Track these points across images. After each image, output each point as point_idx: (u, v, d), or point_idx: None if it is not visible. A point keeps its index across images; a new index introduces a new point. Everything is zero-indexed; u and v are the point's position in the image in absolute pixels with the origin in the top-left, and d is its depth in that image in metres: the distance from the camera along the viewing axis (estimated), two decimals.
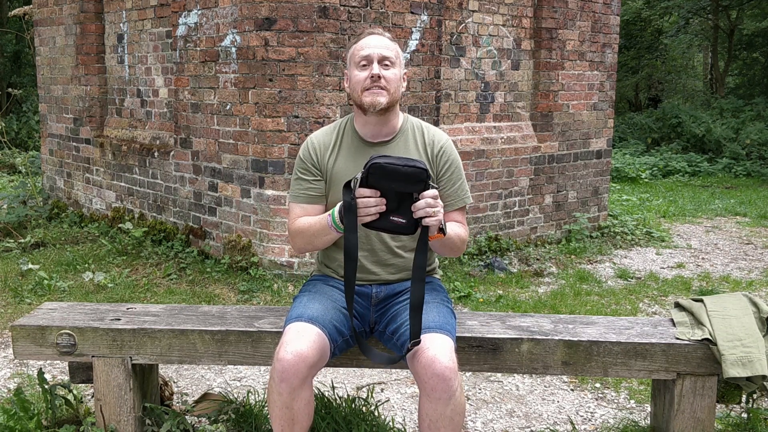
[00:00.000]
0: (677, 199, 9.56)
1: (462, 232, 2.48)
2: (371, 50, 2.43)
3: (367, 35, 2.49)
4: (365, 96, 2.42)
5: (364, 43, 2.47)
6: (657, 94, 21.43)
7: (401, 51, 2.54)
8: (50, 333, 2.67)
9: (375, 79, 2.40)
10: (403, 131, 2.56)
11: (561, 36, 6.51)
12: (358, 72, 2.45)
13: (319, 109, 5.04)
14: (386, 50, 2.44)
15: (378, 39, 2.47)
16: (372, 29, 2.53)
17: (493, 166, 6.11)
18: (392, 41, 2.51)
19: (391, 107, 2.47)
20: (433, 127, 2.64)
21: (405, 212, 2.18)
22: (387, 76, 2.42)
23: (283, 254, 5.12)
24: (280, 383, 2.23)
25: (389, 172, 2.14)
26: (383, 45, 2.45)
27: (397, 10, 5.27)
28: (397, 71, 2.46)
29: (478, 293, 5.04)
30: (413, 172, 2.14)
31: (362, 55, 2.44)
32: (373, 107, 2.42)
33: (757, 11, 17.95)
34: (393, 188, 2.16)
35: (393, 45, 2.49)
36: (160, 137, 6.19)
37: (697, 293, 5.23)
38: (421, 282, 2.23)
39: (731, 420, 3.05)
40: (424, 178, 2.15)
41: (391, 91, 2.43)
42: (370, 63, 2.43)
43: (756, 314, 2.68)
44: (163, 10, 5.95)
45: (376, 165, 2.15)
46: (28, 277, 5.23)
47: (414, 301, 2.23)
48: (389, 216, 2.19)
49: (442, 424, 2.24)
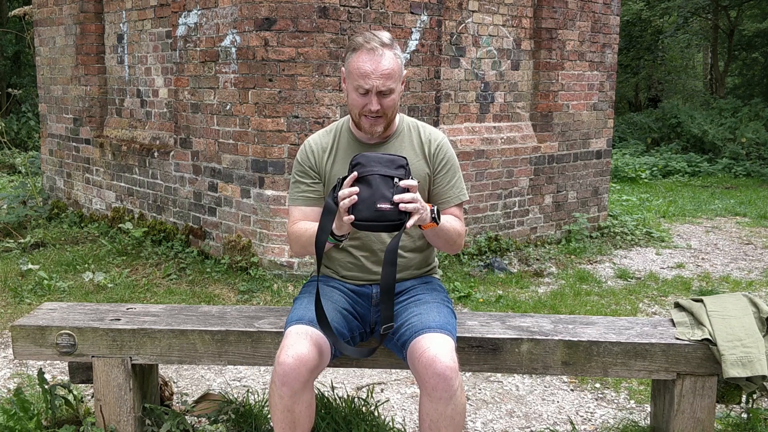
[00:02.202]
0: (677, 200, 9.56)
1: (458, 225, 2.50)
2: (371, 83, 2.34)
3: (368, 52, 2.34)
4: (363, 121, 2.43)
5: (364, 68, 2.34)
6: (657, 94, 21.43)
7: (401, 58, 2.43)
8: (50, 333, 2.67)
9: (374, 113, 2.39)
10: (399, 131, 2.56)
11: (561, 36, 6.51)
12: (356, 96, 2.39)
13: (319, 109, 5.04)
14: (386, 79, 2.34)
15: (378, 62, 2.33)
16: (370, 41, 2.36)
17: (493, 166, 6.11)
18: (393, 54, 2.37)
19: (389, 125, 2.49)
20: (429, 125, 2.64)
21: (389, 197, 2.19)
22: (385, 104, 2.39)
23: (283, 254, 5.12)
24: (281, 387, 2.23)
25: (371, 158, 2.23)
26: (383, 71, 2.34)
27: (397, 10, 5.27)
28: (395, 96, 2.41)
29: (478, 293, 5.04)
30: (393, 157, 2.25)
31: (362, 85, 2.35)
32: (370, 134, 2.46)
33: (756, 11, 17.95)
34: (376, 172, 2.20)
35: (394, 64, 2.36)
36: (160, 137, 6.19)
37: (697, 293, 5.23)
38: (392, 266, 2.23)
39: (731, 420, 3.05)
40: (404, 164, 2.23)
41: (389, 115, 2.43)
42: (369, 93, 2.37)
43: (756, 314, 2.68)
44: (163, 10, 5.95)
45: (359, 155, 2.25)
46: (28, 277, 5.23)
47: (383, 285, 2.23)
48: (375, 204, 2.19)
49: (443, 424, 2.24)
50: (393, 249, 2.22)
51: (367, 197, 2.18)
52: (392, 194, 2.18)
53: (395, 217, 2.18)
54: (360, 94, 2.39)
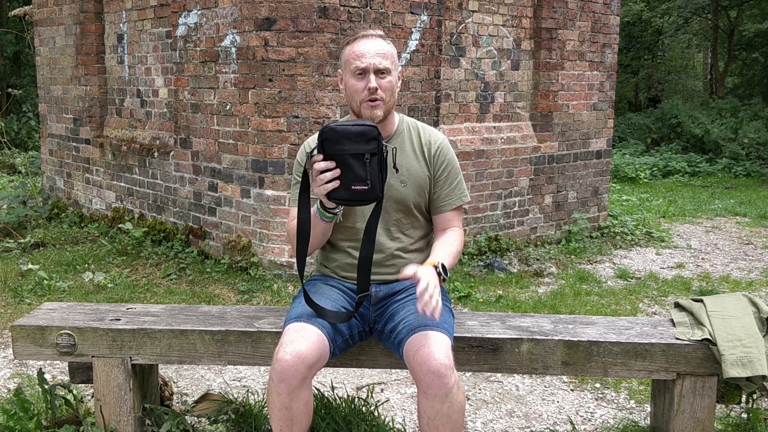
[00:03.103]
0: (677, 200, 9.56)
1: (457, 242, 2.51)
2: (367, 60, 2.39)
3: (361, 38, 2.44)
4: (364, 109, 2.43)
5: (359, 50, 2.41)
6: (657, 94, 21.43)
7: (395, 49, 2.51)
8: (50, 333, 2.67)
9: (372, 92, 2.40)
10: (399, 132, 2.56)
11: (561, 36, 6.51)
12: (354, 81, 2.42)
13: (319, 109, 5.04)
14: (382, 58, 2.40)
15: (372, 44, 2.42)
16: (363, 32, 2.47)
17: (493, 166, 6.11)
18: (386, 42, 2.45)
19: (388, 115, 2.49)
20: (429, 126, 2.65)
21: (364, 178, 2.20)
22: (384, 85, 2.41)
23: (282, 254, 5.12)
24: (279, 384, 2.23)
25: (341, 133, 2.18)
26: (378, 51, 2.41)
27: (397, 10, 5.27)
28: (392, 78, 2.44)
29: (478, 293, 5.04)
30: (365, 129, 2.20)
31: (358, 66, 2.40)
32: (371, 119, 2.45)
33: (756, 11, 17.96)
34: (347, 151, 2.19)
35: (387, 48, 2.44)
36: (160, 137, 6.20)
37: (697, 293, 5.23)
38: (370, 243, 2.31)
39: (731, 420, 3.05)
40: (376, 135, 2.21)
41: (387, 100, 2.44)
42: (366, 73, 2.40)
43: (756, 314, 2.68)
44: (163, 10, 5.95)
45: (327, 129, 2.20)
46: (28, 277, 5.23)
47: (362, 259, 2.32)
48: (350, 186, 2.21)
49: (440, 422, 2.24)
50: (372, 227, 2.30)
51: (341, 178, 2.20)
52: (366, 173, 2.19)
53: (371, 195, 2.22)
54: (357, 78, 2.41)
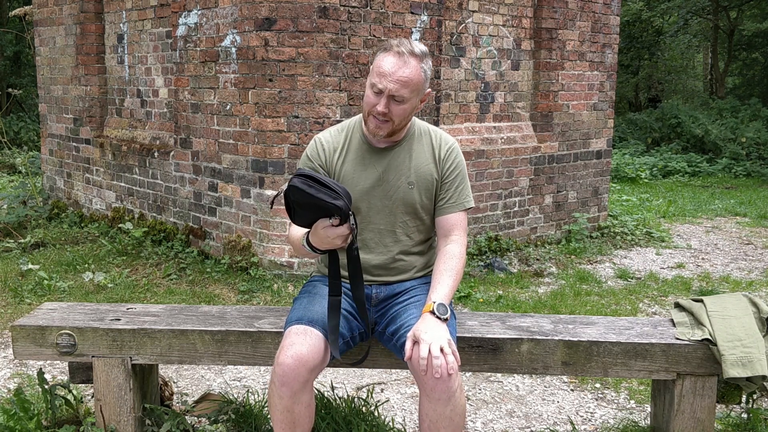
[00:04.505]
0: (677, 200, 9.56)
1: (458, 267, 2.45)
2: (385, 84, 2.34)
3: (392, 53, 2.35)
4: (370, 120, 2.43)
5: (383, 68, 2.34)
6: (657, 94, 21.43)
7: (427, 73, 2.39)
8: (50, 333, 2.67)
9: (381, 114, 2.38)
10: (410, 135, 2.56)
11: (561, 36, 6.51)
12: (370, 93, 2.40)
13: (319, 109, 5.04)
14: (401, 86, 2.33)
15: (398, 66, 2.33)
16: (401, 46, 2.35)
17: (493, 166, 6.11)
18: (416, 62, 2.35)
19: (395, 133, 2.48)
20: (440, 130, 2.64)
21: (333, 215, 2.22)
22: (395, 111, 2.38)
23: (283, 254, 5.12)
24: (280, 387, 2.23)
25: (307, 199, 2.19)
26: (401, 77, 2.33)
27: (397, 10, 5.27)
28: (407, 106, 2.39)
29: (478, 293, 5.04)
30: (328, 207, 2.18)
31: (376, 84, 2.36)
32: (372, 135, 2.46)
33: (756, 12, 17.96)
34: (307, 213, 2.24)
35: (412, 73, 2.34)
36: (160, 137, 6.19)
37: (697, 293, 5.23)
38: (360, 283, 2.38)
39: (731, 420, 3.05)
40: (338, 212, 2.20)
41: (397, 123, 2.42)
42: (382, 93, 2.36)
43: (756, 314, 2.68)
44: (163, 10, 5.95)
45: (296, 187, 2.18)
46: (28, 277, 5.23)
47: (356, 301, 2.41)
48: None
49: (442, 425, 2.24)
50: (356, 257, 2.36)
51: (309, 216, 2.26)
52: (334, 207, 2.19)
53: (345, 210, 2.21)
54: (374, 93, 2.39)
